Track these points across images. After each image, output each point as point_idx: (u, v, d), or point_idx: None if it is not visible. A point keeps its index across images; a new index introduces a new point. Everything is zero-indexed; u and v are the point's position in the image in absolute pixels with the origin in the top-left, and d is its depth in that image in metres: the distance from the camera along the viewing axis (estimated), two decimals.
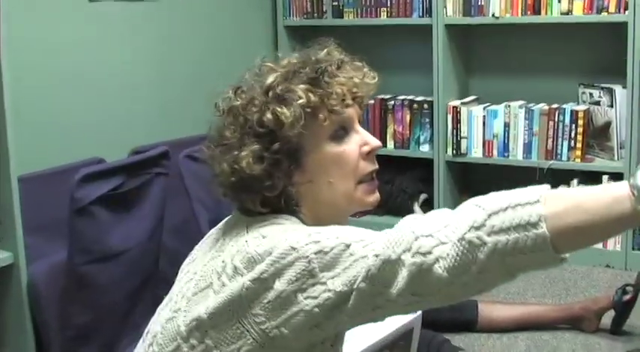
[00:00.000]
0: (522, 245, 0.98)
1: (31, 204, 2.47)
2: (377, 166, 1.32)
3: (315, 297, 1.09)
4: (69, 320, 2.34)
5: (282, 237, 1.15)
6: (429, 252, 1.03)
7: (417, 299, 1.06)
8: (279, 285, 1.11)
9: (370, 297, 1.07)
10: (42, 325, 2.36)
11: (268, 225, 1.21)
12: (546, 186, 1.02)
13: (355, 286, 1.07)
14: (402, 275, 1.04)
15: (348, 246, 1.10)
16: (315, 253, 1.10)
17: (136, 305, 2.55)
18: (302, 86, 1.24)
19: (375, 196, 1.33)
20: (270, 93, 1.24)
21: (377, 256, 1.06)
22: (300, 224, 1.24)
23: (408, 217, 1.11)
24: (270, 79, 1.26)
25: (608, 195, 0.98)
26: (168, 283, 1.38)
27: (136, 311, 2.54)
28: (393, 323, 1.75)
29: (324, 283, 1.09)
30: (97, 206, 2.31)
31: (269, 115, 1.22)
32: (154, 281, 2.66)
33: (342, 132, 1.28)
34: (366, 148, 1.30)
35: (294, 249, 1.11)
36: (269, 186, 1.23)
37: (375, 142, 1.31)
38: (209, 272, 1.21)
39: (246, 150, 1.22)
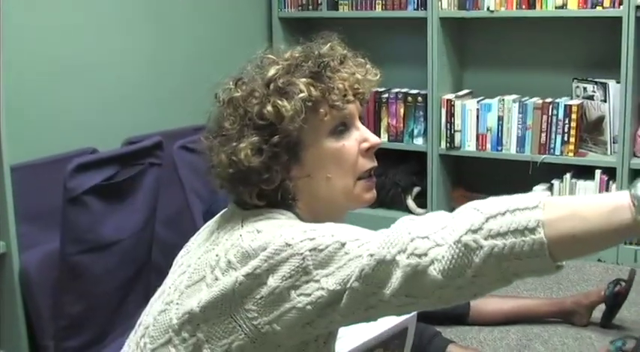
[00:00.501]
0: (519, 250, 0.97)
1: (24, 194, 2.47)
2: (376, 163, 1.32)
3: (308, 295, 1.09)
4: (62, 309, 2.34)
5: (277, 233, 1.14)
6: (425, 254, 1.02)
7: (410, 300, 1.05)
8: (273, 281, 1.10)
9: (363, 297, 1.06)
10: (34, 314, 2.36)
11: (263, 219, 1.21)
12: (546, 193, 1.01)
13: (349, 285, 1.06)
14: (397, 276, 1.03)
15: (343, 245, 1.09)
16: (310, 250, 1.09)
17: (129, 296, 2.55)
18: (304, 80, 1.23)
19: (373, 194, 1.32)
20: (272, 86, 1.23)
21: (372, 256, 1.05)
22: (296, 219, 1.24)
23: (405, 217, 1.10)
24: (271, 72, 1.25)
25: (608, 204, 0.96)
26: (161, 274, 1.38)
27: (128, 301, 2.54)
28: (387, 322, 1.75)
29: (318, 281, 1.08)
30: (90, 196, 2.31)
31: (269, 108, 1.21)
32: (147, 271, 2.66)
33: (342, 128, 1.27)
34: (365, 145, 1.29)
35: (288, 245, 1.10)
36: (266, 179, 1.22)
37: (375, 139, 1.30)
38: (202, 266, 1.21)
39: (245, 141, 1.22)
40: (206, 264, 1.20)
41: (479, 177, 3.99)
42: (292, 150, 1.24)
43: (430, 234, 1.03)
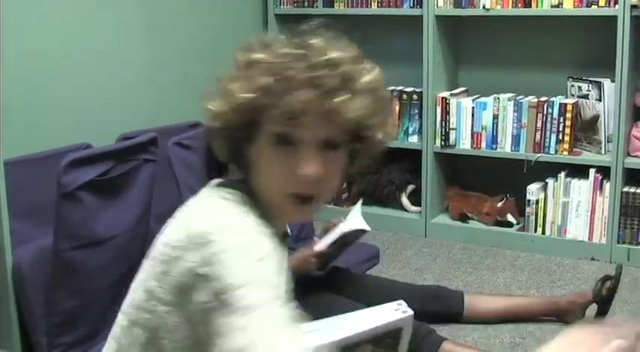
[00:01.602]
0: None
1: (18, 189, 2.46)
2: (311, 192, 1.18)
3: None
4: (55, 305, 2.34)
5: (205, 229, 1.16)
6: None
7: None
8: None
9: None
10: (27, 310, 2.35)
11: (205, 204, 1.24)
12: None
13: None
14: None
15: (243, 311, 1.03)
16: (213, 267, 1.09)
17: (123, 292, 2.53)
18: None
19: (303, 217, 1.24)
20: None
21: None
22: (244, 206, 1.18)
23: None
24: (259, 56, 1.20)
25: None
26: None
27: (122, 298, 2.53)
28: (379, 319, 1.74)
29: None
30: (83, 191, 2.30)
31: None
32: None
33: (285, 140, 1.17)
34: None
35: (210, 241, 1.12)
36: (244, 137, 1.20)
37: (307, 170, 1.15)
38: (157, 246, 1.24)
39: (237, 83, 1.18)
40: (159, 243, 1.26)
41: (473, 175, 3.99)
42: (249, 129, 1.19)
43: None
